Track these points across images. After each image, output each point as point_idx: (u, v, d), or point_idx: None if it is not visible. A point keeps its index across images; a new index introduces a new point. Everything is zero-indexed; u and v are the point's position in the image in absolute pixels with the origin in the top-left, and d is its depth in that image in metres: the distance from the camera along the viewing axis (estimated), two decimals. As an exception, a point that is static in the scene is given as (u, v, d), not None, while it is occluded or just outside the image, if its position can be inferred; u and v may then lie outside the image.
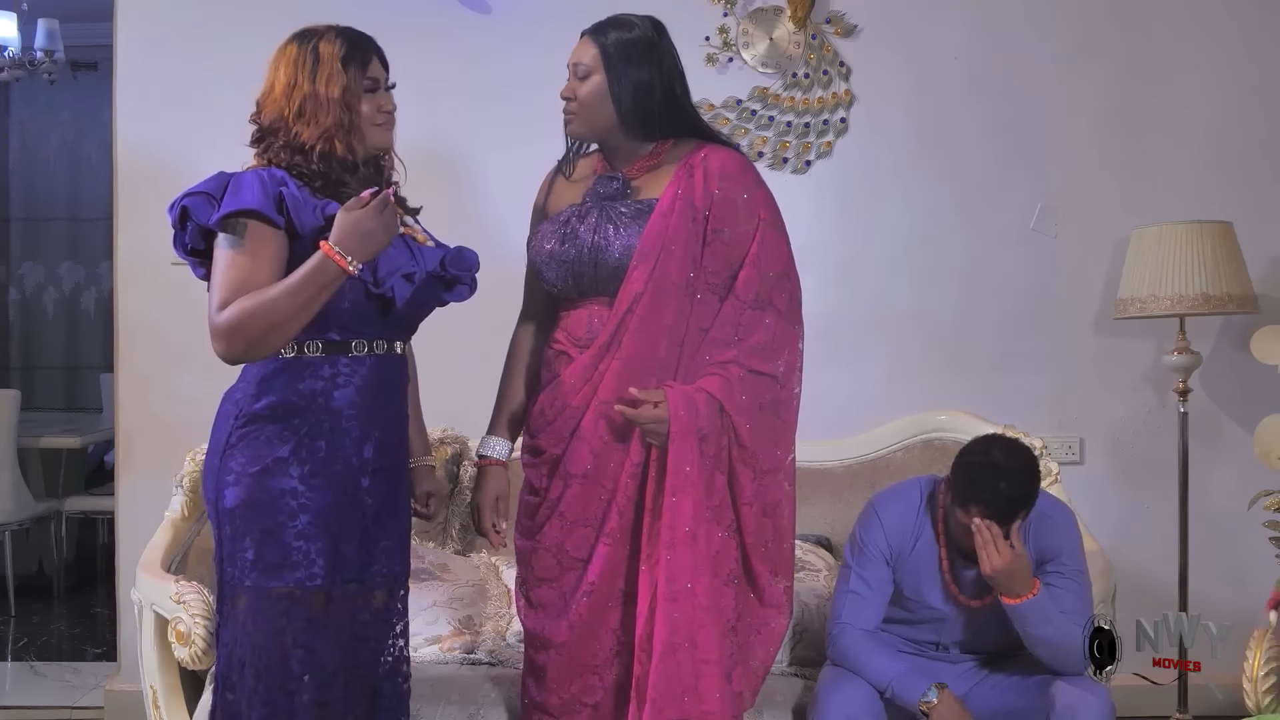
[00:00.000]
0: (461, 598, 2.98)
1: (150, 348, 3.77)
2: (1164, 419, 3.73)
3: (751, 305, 2.24)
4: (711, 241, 2.24)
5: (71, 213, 7.58)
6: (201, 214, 2.05)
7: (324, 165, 2.10)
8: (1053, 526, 2.56)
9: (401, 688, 2.24)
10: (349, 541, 2.11)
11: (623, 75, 2.25)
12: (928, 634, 2.62)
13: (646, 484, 2.21)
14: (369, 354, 2.14)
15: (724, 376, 2.21)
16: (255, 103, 2.16)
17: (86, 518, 5.83)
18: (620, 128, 2.27)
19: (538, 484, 2.31)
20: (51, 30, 5.98)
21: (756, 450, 2.23)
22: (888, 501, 2.65)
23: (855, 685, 2.47)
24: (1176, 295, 3.41)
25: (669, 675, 2.13)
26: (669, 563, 2.15)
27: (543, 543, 2.28)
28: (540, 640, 2.28)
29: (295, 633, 2.07)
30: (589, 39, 2.29)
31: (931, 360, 3.76)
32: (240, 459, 2.08)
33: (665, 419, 2.16)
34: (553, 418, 2.27)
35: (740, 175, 2.29)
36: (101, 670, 4.24)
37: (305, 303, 2.02)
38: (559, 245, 2.27)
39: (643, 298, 2.22)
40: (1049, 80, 3.78)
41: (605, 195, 2.28)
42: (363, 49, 2.15)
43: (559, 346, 2.31)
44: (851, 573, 2.60)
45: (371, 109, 2.14)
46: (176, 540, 2.92)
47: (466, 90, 3.69)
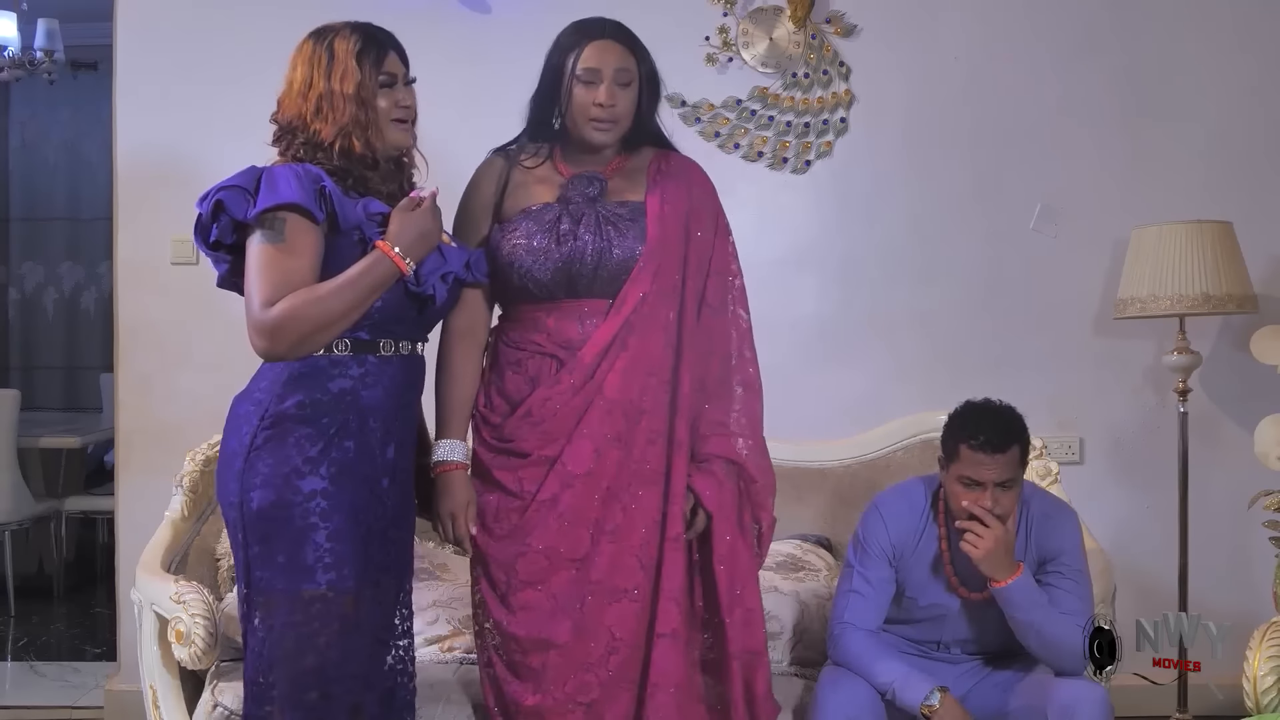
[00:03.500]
0: (461, 598, 2.97)
1: (150, 348, 3.77)
2: (1164, 419, 3.73)
3: (717, 311, 2.33)
4: (690, 246, 2.30)
5: (71, 213, 7.57)
6: (237, 208, 2.02)
7: (344, 162, 2.09)
8: (1054, 526, 2.56)
9: (406, 687, 2.23)
10: (374, 542, 2.10)
11: (651, 89, 2.31)
12: (929, 633, 2.62)
13: (669, 500, 2.26)
14: (395, 354, 2.13)
15: (729, 437, 2.32)
16: (276, 101, 2.16)
17: (86, 518, 5.83)
18: (622, 136, 2.31)
19: (515, 486, 2.26)
20: (51, 30, 5.97)
21: (763, 470, 2.35)
22: (892, 499, 2.66)
23: (855, 685, 2.47)
24: (1176, 295, 3.41)
25: (737, 626, 2.30)
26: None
27: (532, 545, 2.24)
28: (535, 643, 2.25)
29: (329, 635, 2.04)
30: (623, 47, 2.27)
31: (931, 360, 3.76)
32: (269, 460, 2.03)
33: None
34: (543, 418, 2.25)
35: (707, 183, 2.39)
36: (101, 670, 4.24)
37: (357, 302, 2.03)
38: (551, 244, 2.24)
39: (648, 298, 2.25)
40: (1049, 80, 3.78)
41: (591, 196, 2.29)
42: (378, 44, 2.13)
43: (538, 348, 2.28)
44: (854, 572, 2.60)
45: (388, 104, 2.12)
46: (176, 540, 2.92)
47: (467, 90, 3.69)
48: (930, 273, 3.80)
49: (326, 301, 2.00)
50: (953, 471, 2.49)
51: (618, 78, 2.24)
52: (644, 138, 2.36)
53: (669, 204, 2.30)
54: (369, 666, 2.11)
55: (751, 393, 2.35)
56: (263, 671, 2.07)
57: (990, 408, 2.52)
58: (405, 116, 2.16)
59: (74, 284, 7.63)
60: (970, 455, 2.45)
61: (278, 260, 1.99)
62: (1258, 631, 2.67)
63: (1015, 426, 2.49)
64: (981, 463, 2.44)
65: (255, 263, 2.00)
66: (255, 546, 2.05)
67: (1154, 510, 3.73)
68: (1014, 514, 2.50)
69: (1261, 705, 2.56)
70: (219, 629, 2.57)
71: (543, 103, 2.32)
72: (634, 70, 2.27)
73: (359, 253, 2.06)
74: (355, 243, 2.07)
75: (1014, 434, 2.47)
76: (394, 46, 2.16)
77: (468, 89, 3.68)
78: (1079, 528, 2.61)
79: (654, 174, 2.34)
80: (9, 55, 5.96)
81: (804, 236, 3.79)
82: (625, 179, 2.33)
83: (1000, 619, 2.51)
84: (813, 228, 3.79)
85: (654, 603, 2.25)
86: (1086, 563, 2.58)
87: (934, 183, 3.80)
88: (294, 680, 2.04)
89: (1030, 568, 2.52)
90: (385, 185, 2.15)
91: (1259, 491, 3.23)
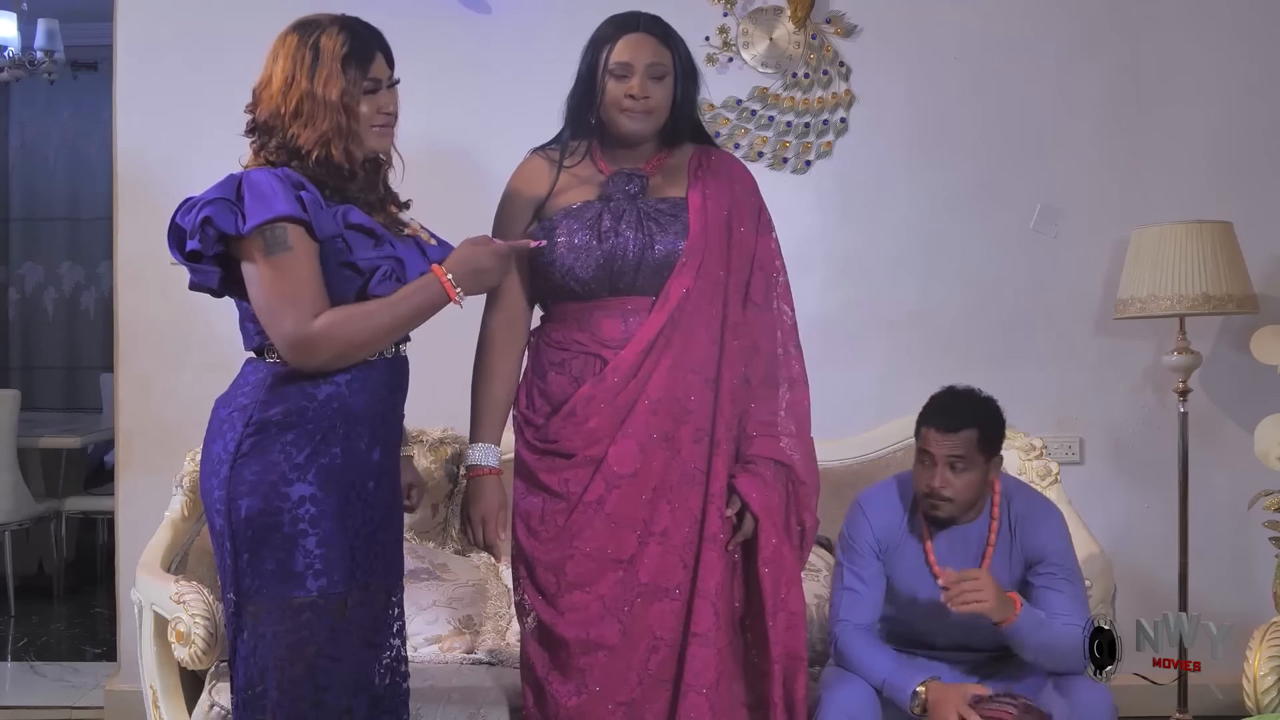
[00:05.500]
0: (461, 598, 2.97)
1: (150, 348, 3.77)
2: (1164, 419, 3.73)
3: (762, 308, 2.31)
4: (733, 242, 2.29)
5: (71, 213, 7.57)
6: (225, 221, 1.96)
7: (322, 171, 2.03)
8: (1039, 525, 2.57)
9: (401, 687, 2.22)
10: (362, 546, 2.08)
11: (687, 83, 2.30)
12: (922, 632, 2.62)
13: (707, 499, 2.26)
14: (380, 357, 2.10)
15: (776, 437, 2.31)
16: (252, 91, 2.08)
17: (86, 518, 5.82)
18: (659, 131, 2.30)
19: (561, 488, 2.25)
20: (51, 30, 5.98)
21: (810, 471, 2.37)
22: (871, 497, 2.69)
23: (855, 685, 2.47)
24: (1176, 295, 3.41)
25: (780, 630, 2.28)
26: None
27: (580, 548, 2.23)
28: (583, 645, 2.23)
29: (320, 642, 2.02)
30: (657, 40, 2.25)
31: (932, 360, 3.75)
32: (255, 467, 2.00)
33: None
34: (587, 417, 2.23)
35: (749, 179, 2.38)
36: (101, 670, 4.24)
37: (403, 321, 2.04)
38: (593, 241, 2.23)
39: (692, 294, 2.24)
40: (1049, 80, 3.78)
41: (631, 193, 2.28)
42: (365, 45, 2.05)
43: (581, 347, 2.26)
44: (845, 570, 2.61)
45: (371, 111, 2.06)
46: (176, 540, 2.92)
47: (467, 90, 3.69)
48: (930, 273, 3.80)
49: (372, 318, 2.00)
50: (917, 449, 2.56)
51: (650, 71, 2.23)
52: (683, 133, 2.35)
53: (711, 200, 2.28)
54: (360, 670, 2.10)
55: (798, 390, 2.34)
56: (253, 680, 2.05)
57: (952, 391, 2.59)
58: (387, 123, 2.10)
59: (74, 284, 7.63)
60: (925, 432, 2.54)
61: (291, 270, 1.96)
62: (1258, 631, 2.67)
63: (975, 411, 2.53)
64: (933, 439, 2.51)
65: (268, 276, 1.96)
66: (244, 554, 2.02)
67: (1154, 510, 3.73)
68: (982, 502, 2.55)
69: (1261, 705, 2.56)
70: (219, 629, 2.57)
71: (579, 98, 2.30)
72: (668, 64, 2.25)
73: (337, 261, 2.02)
74: (335, 251, 2.02)
75: (969, 417, 2.51)
76: (380, 47, 2.09)
77: (468, 89, 3.69)
78: (1064, 524, 2.60)
79: (695, 170, 2.32)
80: (9, 55, 5.96)
81: (804, 236, 3.79)
82: (666, 175, 2.32)
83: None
84: (813, 228, 3.79)
85: (689, 602, 2.24)
86: (1075, 559, 2.58)
87: (934, 183, 3.80)
88: (286, 688, 2.02)
89: (1018, 568, 2.53)
90: (364, 194, 2.10)
91: (1259, 491, 3.23)
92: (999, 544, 2.55)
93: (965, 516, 2.56)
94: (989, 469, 2.54)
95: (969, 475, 2.50)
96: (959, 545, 2.56)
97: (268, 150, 2.05)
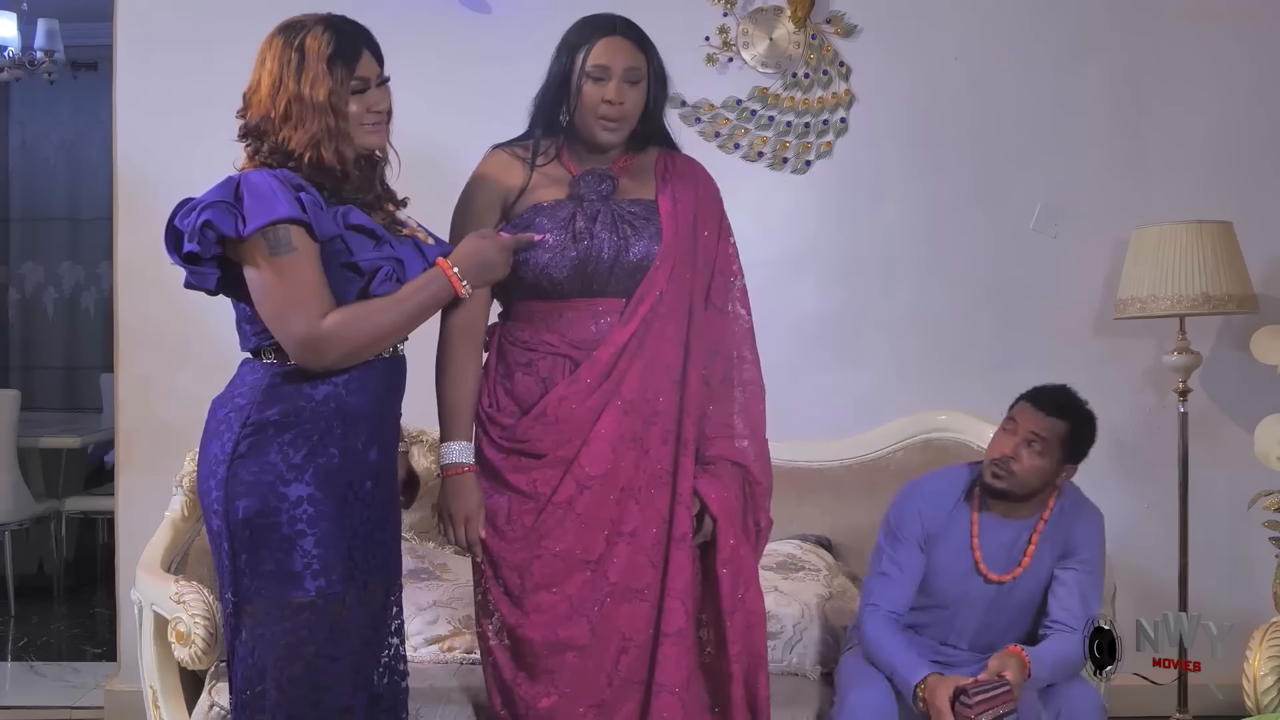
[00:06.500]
0: (461, 598, 2.97)
1: (150, 348, 3.77)
2: (1164, 419, 3.73)
3: (720, 311, 2.33)
4: (698, 245, 2.30)
5: (71, 213, 7.57)
6: (225, 224, 1.95)
7: (314, 174, 2.02)
8: (1081, 521, 2.60)
9: (399, 687, 2.22)
10: (360, 545, 2.08)
11: (659, 88, 2.29)
12: (940, 626, 2.63)
13: (675, 499, 2.26)
14: (378, 357, 2.09)
15: (733, 438, 2.32)
16: (242, 96, 2.07)
17: (86, 518, 5.82)
18: (629, 136, 2.29)
19: (529, 488, 2.24)
20: (51, 30, 5.97)
21: (765, 472, 2.36)
22: (933, 480, 2.71)
23: (873, 686, 2.48)
24: (1176, 295, 3.41)
25: (738, 629, 2.29)
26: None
27: (549, 548, 2.22)
28: (550, 646, 2.22)
29: (319, 642, 2.01)
30: (633, 44, 2.24)
31: (931, 360, 3.76)
32: (252, 468, 2.00)
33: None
34: (558, 418, 2.23)
35: (712, 182, 2.39)
36: (101, 670, 4.25)
37: (411, 318, 2.04)
38: (568, 241, 2.22)
39: (665, 297, 2.25)
40: (1049, 80, 3.78)
41: (604, 194, 2.27)
42: (351, 44, 2.03)
43: (550, 348, 2.26)
44: (884, 555, 2.63)
45: (360, 109, 2.04)
46: (176, 540, 2.92)
47: (467, 90, 3.69)
48: (930, 273, 3.80)
49: (381, 315, 2.00)
50: (1004, 421, 2.60)
51: (627, 75, 2.22)
52: (652, 137, 2.35)
53: (680, 204, 2.29)
54: (359, 670, 2.10)
55: (753, 393, 2.35)
56: (252, 681, 2.04)
57: (1064, 387, 2.62)
58: (378, 121, 2.09)
59: (74, 284, 7.63)
60: (1020, 405, 2.58)
61: (296, 271, 1.96)
62: (1258, 631, 2.67)
63: (1075, 411, 2.57)
64: (1025, 413, 2.55)
65: (273, 278, 1.96)
66: (242, 554, 2.01)
67: (1154, 510, 3.73)
68: (1046, 499, 2.56)
69: (1261, 705, 2.56)
70: (219, 629, 2.57)
71: (552, 98, 2.29)
72: (644, 69, 2.25)
73: (338, 263, 2.02)
74: (335, 252, 2.01)
75: (1068, 411, 2.56)
76: (367, 44, 2.06)
77: (468, 89, 3.69)
78: (1102, 528, 2.63)
79: (662, 173, 2.33)
80: (9, 55, 5.96)
81: (804, 236, 3.79)
82: (633, 178, 2.32)
83: (1012, 611, 2.55)
84: (813, 228, 3.79)
85: (660, 602, 2.24)
86: (1105, 562, 2.61)
87: (934, 183, 3.80)
88: (285, 688, 2.01)
89: (1053, 557, 2.57)
90: (360, 194, 2.09)
91: (1259, 491, 3.23)
92: (1038, 551, 2.57)
93: (1017, 509, 2.57)
94: (1059, 471, 2.55)
95: (1040, 461, 2.51)
96: (1006, 539, 2.58)
97: (261, 154, 2.05)
